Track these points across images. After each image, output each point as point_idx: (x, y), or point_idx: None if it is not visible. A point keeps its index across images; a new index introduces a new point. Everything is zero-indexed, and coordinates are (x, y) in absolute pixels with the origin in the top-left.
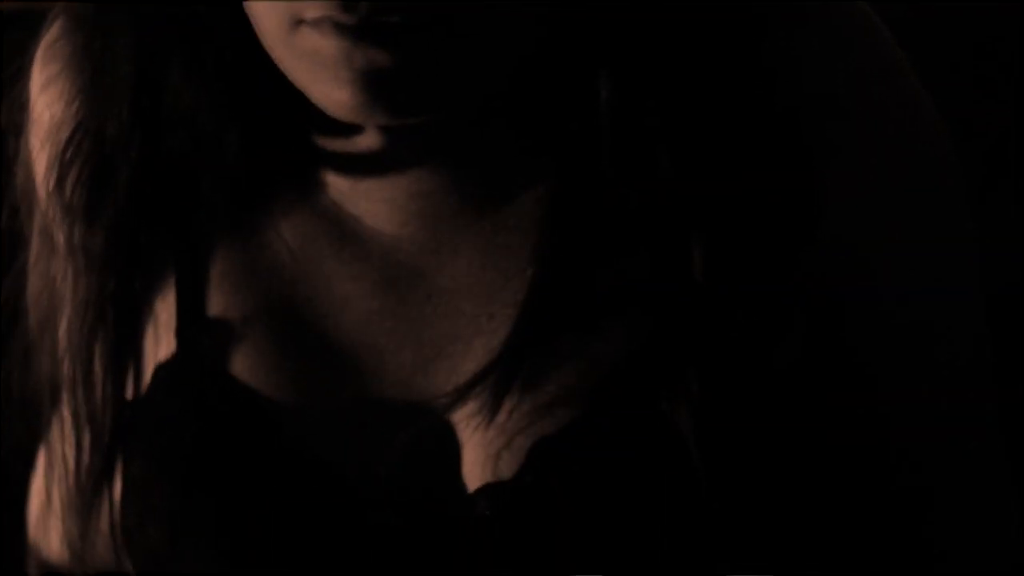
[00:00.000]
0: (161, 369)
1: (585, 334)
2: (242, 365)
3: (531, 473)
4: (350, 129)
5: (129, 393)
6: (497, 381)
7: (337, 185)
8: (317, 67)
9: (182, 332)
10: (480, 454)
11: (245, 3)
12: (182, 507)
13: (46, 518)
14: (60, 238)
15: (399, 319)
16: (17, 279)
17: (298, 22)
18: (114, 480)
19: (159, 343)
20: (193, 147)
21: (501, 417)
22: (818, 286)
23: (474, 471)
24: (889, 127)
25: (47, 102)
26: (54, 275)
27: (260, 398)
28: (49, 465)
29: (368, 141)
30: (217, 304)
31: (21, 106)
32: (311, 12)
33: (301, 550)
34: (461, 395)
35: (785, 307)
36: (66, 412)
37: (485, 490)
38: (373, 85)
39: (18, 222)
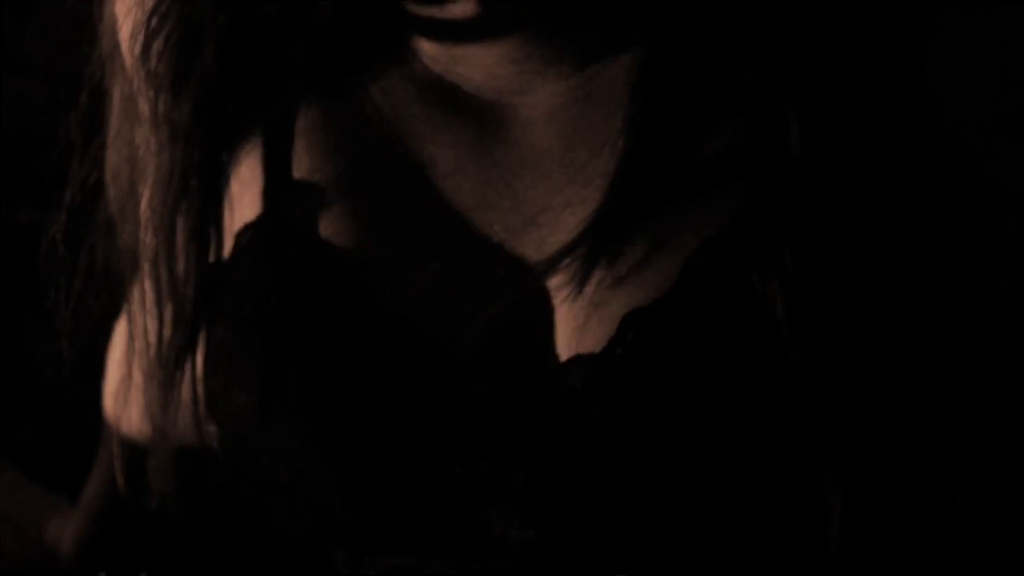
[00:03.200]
0: (247, 230)
1: (676, 206)
2: (330, 227)
3: (621, 345)
4: None
5: (212, 259)
6: (588, 252)
7: (430, 51)
8: None
9: (269, 194)
10: (569, 325)
11: None
12: (268, 370)
13: (126, 392)
14: (145, 108)
15: (490, 187)
16: (98, 152)
17: None
18: (197, 349)
19: (244, 207)
20: (284, 12)
21: (590, 288)
22: (914, 160)
23: (563, 342)
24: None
25: None
26: (138, 145)
27: (347, 260)
28: (130, 337)
29: (464, 7)
30: (305, 167)
31: None
32: None
33: (386, 417)
34: (551, 265)
35: (881, 180)
36: (148, 283)
37: (575, 361)
38: None
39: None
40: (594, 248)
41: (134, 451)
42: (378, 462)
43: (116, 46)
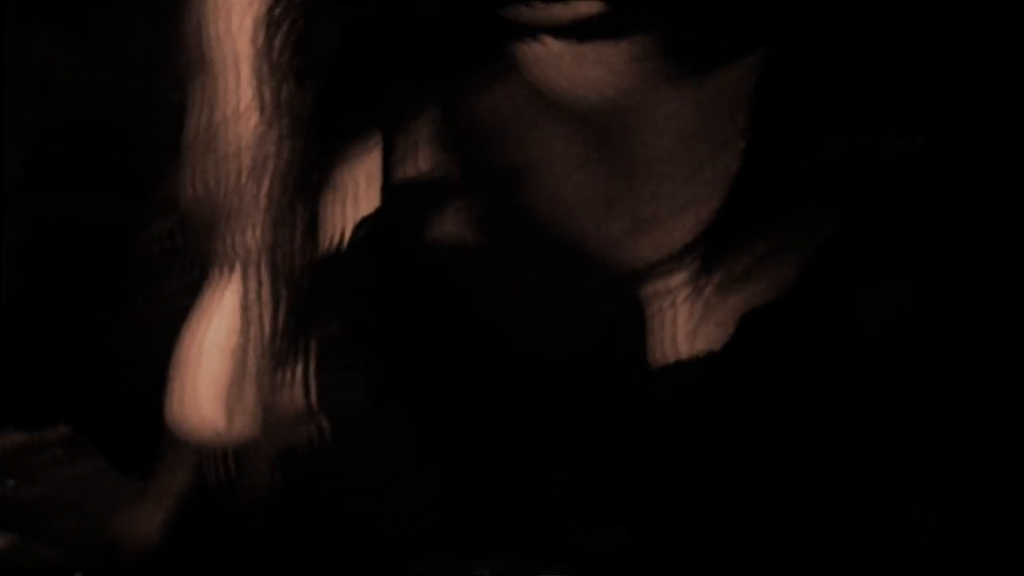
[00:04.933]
0: (363, 225)
1: (795, 208)
2: (440, 228)
3: (737, 346)
4: None
5: (328, 254)
6: (706, 252)
7: (551, 49)
8: None
9: (386, 190)
10: (685, 327)
11: None
12: (378, 368)
13: (225, 387)
14: (267, 97)
15: (607, 188)
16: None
17: None
18: (310, 344)
19: (361, 203)
20: (397, 11)
21: (708, 290)
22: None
23: (677, 345)
24: None
25: None
26: (257, 135)
27: (455, 262)
28: (244, 329)
29: (591, 5)
30: (421, 165)
31: None
32: None
33: (488, 419)
34: (671, 266)
35: (1008, 194)
36: (264, 274)
37: (686, 364)
38: None
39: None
40: (713, 248)
41: (229, 447)
42: (473, 465)
43: (221, 36)
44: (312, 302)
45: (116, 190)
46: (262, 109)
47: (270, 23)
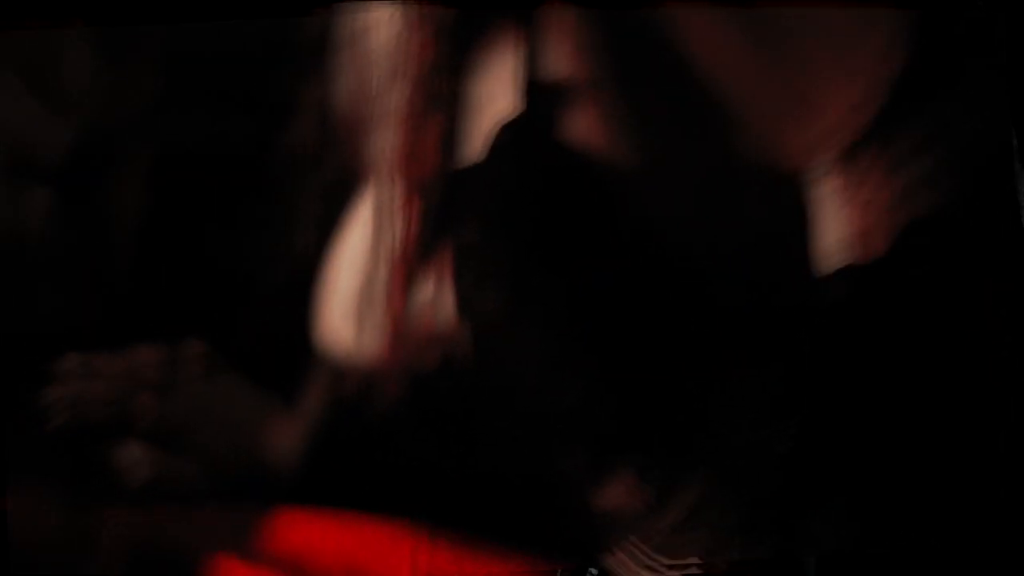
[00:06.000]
0: (502, 131)
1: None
2: (584, 129)
3: (900, 252)
4: None
5: (465, 160)
6: (873, 152)
7: None
8: None
9: (524, 94)
10: (844, 231)
11: None
12: (514, 276)
13: (371, 296)
14: (399, 9)
15: (763, 86)
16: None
17: None
18: (445, 250)
19: (497, 108)
20: None
21: (866, 195)
22: None
23: (835, 249)
24: None
25: None
26: (395, 42)
27: (603, 163)
28: (376, 239)
29: None
30: (561, 69)
31: None
32: None
33: (636, 323)
34: (828, 168)
35: None
36: (399, 182)
37: (847, 271)
38: None
39: None
40: (876, 146)
41: (363, 361)
42: (626, 367)
43: None
44: (448, 210)
45: (251, 112)
46: (405, 17)
47: None
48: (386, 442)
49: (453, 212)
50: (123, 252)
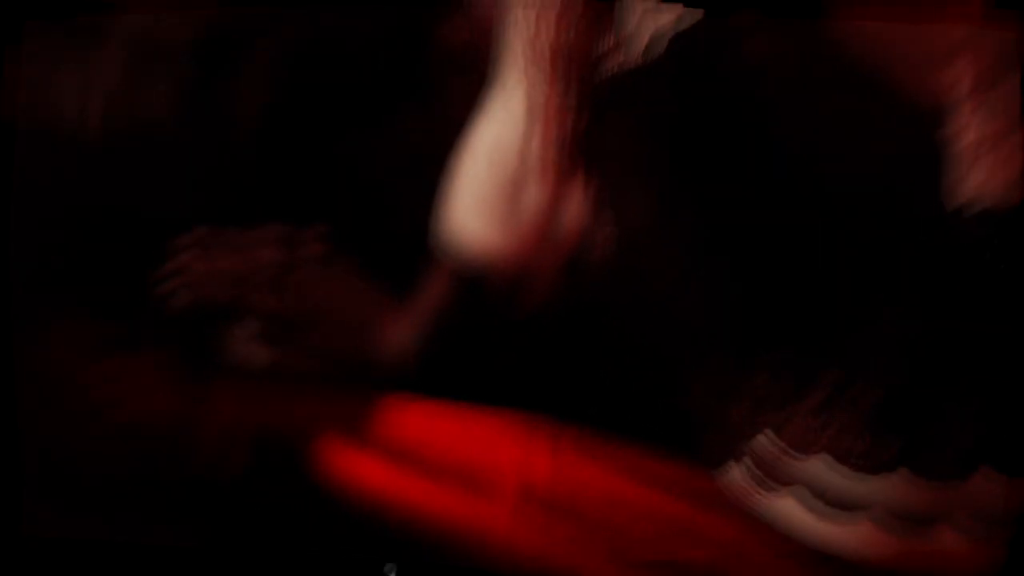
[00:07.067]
0: (678, 39)
1: None
2: (749, 49)
3: None
4: None
5: (624, 63)
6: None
7: None
8: None
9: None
10: (974, 176)
11: None
12: (664, 181)
13: (515, 194)
14: None
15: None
16: None
17: None
18: (596, 152)
19: (659, 17)
20: None
21: (994, 140)
22: None
23: (968, 190)
24: None
25: None
26: None
27: (761, 83)
28: (527, 135)
29: None
30: None
31: None
32: None
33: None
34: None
35: None
36: (557, 79)
37: (984, 214)
38: None
39: None
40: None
41: (498, 261)
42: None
43: None
44: (603, 110)
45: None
46: None
47: None
48: (521, 341)
49: (609, 113)
50: (250, 146)
